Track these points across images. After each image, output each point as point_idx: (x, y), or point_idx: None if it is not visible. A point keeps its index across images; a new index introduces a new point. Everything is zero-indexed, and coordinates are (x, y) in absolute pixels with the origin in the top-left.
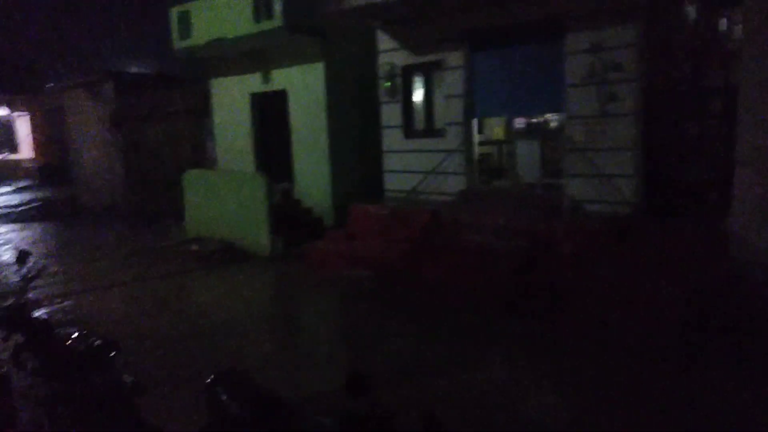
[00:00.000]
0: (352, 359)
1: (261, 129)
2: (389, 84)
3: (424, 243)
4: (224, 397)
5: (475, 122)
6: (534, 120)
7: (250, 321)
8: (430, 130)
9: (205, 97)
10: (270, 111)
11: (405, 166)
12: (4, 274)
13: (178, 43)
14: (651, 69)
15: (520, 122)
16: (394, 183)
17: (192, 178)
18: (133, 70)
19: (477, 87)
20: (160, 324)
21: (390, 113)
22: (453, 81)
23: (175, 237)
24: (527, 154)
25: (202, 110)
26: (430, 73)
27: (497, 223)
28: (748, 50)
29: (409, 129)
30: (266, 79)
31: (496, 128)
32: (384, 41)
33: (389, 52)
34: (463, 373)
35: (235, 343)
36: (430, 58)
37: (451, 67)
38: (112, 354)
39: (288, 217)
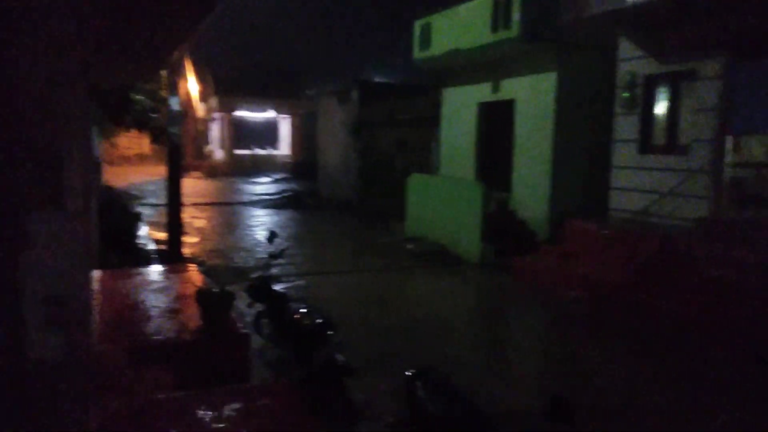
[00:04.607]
0: (555, 383)
1: (484, 138)
2: (628, 95)
3: (650, 271)
4: (422, 394)
5: (729, 140)
6: None
7: (454, 324)
8: (671, 147)
9: (435, 106)
10: (495, 120)
11: (636, 184)
12: (257, 250)
13: (418, 54)
14: None
15: None
16: (621, 202)
17: (415, 181)
18: (377, 79)
19: (738, 100)
20: (371, 312)
21: (625, 126)
22: (706, 92)
23: (395, 235)
24: None
25: (431, 118)
26: (678, 84)
27: (749, 260)
28: None
29: (645, 144)
30: (495, 88)
31: (756, 149)
32: (626, 49)
33: (631, 61)
34: (687, 422)
35: (436, 342)
36: (679, 67)
37: (706, 77)
38: (330, 333)
39: (501, 227)
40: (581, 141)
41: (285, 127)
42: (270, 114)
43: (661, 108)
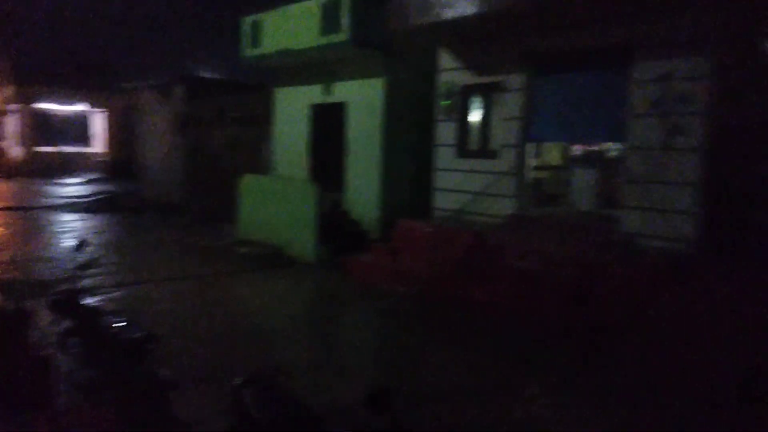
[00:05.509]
0: (380, 375)
1: (317, 139)
2: (447, 102)
3: (467, 264)
4: (250, 401)
5: (531, 146)
6: (592, 148)
7: (287, 326)
8: (484, 151)
9: (267, 106)
10: (328, 122)
11: (455, 185)
12: (64, 260)
13: (248, 52)
14: (722, 103)
15: (577, 149)
16: (442, 201)
17: (247, 182)
18: (204, 75)
19: (535, 110)
20: (201, 321)
21: (445, 132)
22: (512, 103)
23: (226, 238)
24: (583, 181)
25: (263, 118)
26: (489, 94)
27: (545, 250)
28: None
29: (462, 149)
30: (327, 90)
31: (553, 153)
32: (445, 60)
33: (450, 71)
34: (497, 398)
35: (269, 346)
36: (491, 78)
37: (511, 89)
38: (151, 347)
39: (335, 227)
40: (408, 144)
41: (99, 123)
42: (80, 107)
43: (475, 116)
